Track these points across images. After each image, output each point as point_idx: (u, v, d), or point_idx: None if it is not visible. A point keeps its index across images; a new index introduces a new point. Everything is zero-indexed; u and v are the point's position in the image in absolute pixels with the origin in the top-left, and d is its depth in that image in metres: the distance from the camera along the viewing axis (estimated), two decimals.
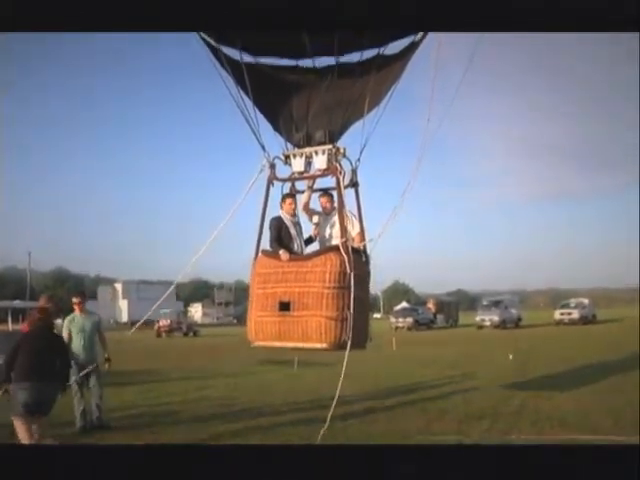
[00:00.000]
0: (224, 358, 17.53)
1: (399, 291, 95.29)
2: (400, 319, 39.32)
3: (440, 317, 42.23)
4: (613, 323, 36.02)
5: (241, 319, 43.28)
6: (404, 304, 49.36)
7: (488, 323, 34.94)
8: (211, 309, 79.11)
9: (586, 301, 39.61)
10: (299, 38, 5.81)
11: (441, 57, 5.59)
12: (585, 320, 36.68)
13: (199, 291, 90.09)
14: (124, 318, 60.87)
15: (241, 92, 6.08)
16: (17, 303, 18.69)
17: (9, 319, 15.55)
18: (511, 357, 14.59)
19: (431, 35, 5.85)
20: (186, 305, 69.40)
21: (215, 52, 6.11)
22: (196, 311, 75.23)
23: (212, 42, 6.08)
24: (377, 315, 65.03)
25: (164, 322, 37.78)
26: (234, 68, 6.07)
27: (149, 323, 37.13)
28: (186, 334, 38.08)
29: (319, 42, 5.88)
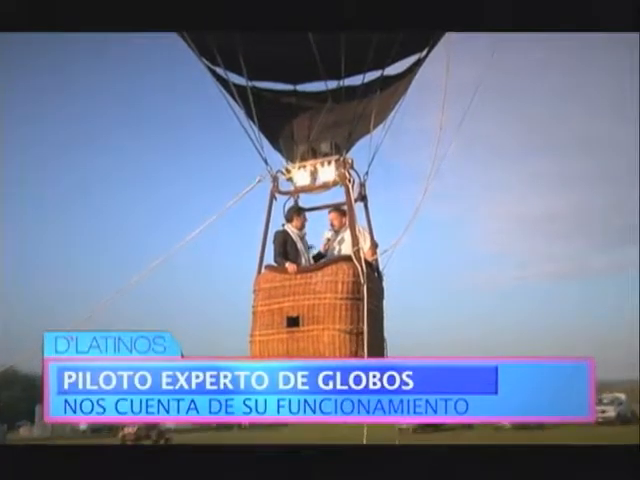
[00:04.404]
0: None
1: None
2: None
3: None
4: None
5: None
6: None
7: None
8: None
9: (623, 396, 36.81)
10: (302, 61, 5.85)
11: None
12: (623, 419, 33.73)
13: None
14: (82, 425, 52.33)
15: (242, 113, 6.03)
16: None
17: None
18: None
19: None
20: None
21: (223, 81, 6.13)
22: None
23: (220, 72, 6.11)
24: None
25: (129, 430, 32.87)
26: (239, 94, 6.07)
27: (112, 429, 34.93)
28: (156, 442, 32.12)
29: (324, 65, 5.92)
